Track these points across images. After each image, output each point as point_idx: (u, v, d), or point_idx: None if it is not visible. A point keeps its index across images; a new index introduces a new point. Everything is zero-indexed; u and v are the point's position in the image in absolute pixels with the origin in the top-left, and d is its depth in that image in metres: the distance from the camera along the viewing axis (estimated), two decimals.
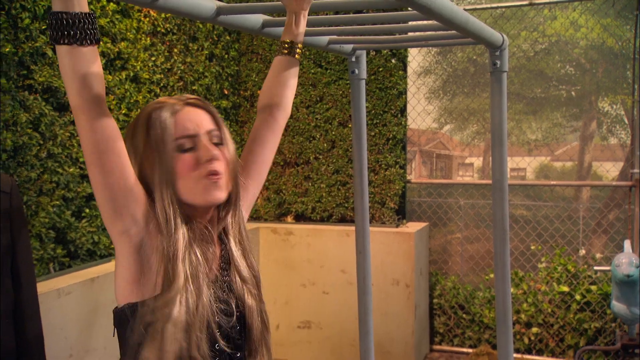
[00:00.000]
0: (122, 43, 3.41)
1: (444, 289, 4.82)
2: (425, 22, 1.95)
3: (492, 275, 4.80)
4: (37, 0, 2.83)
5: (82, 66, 1.14)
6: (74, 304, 2.85)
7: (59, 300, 2.76)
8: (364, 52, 2.47)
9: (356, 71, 2.47)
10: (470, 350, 4.67)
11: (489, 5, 4.83)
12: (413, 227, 4.57)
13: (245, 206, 1.47)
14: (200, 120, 1.33)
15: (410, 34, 2.80)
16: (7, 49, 2.66)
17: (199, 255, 1.28)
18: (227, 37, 4.57)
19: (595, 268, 4.09)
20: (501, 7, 4.70)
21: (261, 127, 1.52)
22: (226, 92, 4.61)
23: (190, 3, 1.49)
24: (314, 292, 4.55)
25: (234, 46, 4.69)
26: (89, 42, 1.13)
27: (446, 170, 9.06)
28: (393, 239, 4.38)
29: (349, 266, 4.42)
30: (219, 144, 1.34)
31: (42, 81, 2.87)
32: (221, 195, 1.31)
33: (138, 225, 1.24)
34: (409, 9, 1.43)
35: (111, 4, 3.31)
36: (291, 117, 4.72)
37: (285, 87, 1.52)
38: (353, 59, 2.45)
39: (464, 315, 4.76)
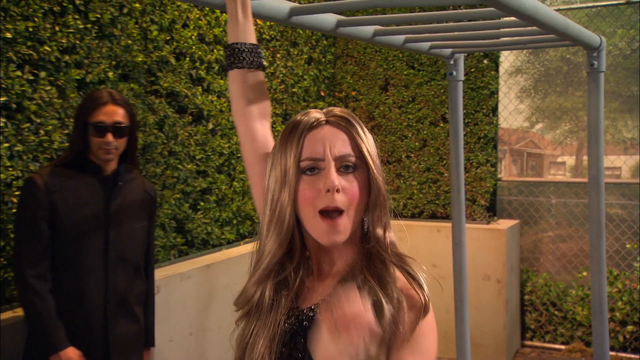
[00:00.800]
0: None
1: (535, 286, 4.87)
2: (523, 28, 2.09)
3: (585, 274, 4.81)
4: (163, 14, 3.16)
5: (250, 87, 1.29)
6: (194, 287, 3.16)
7: (181, 284, 3.08)
8: (462, 55, 2.62)
9: (454, 73, 2.62)
10: (562, 347, 4.71)
11: (584, 5, 4.84)
12: (504, 224, 4.65)
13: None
14: (331, 138, 1.15)
15: (505, 38, 2.93)
16: (140, 59, 3.00)
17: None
18: (325, 42, 4.81)
19: None
20: (598, 6, 4.70)
21: None
22: (322, 94, 4.86)
23: (264, 5, 1.52)
24: None
25: (330, 50, 4.93)
26: (257, 67, 1.29)
27: (537, 169, 8.98)
28: (484, 235, 4.49)
29: (441, 261, 4.56)
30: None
31: (166, 86, 3.20)
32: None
33: None
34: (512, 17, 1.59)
35: (224, 14, 3.62)
36: (383, 117, 4.92)
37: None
38: (451, 62, 2.60)
39: (556, 312, 4.80)
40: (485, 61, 4.59)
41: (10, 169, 2.40)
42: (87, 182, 2.24)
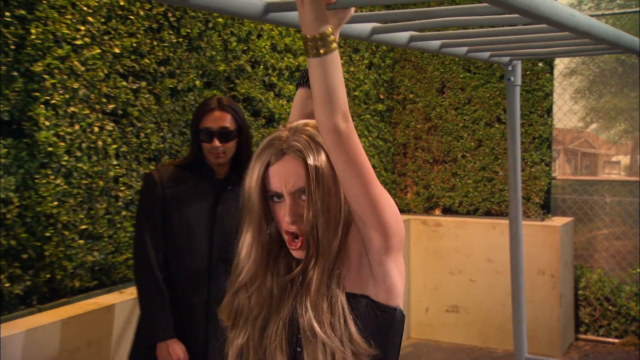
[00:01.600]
0: (301, 57, 4.00)
1: (589, 282, 5.01)
2: (577, 39, 2.30)
3: (639, 270, 4.92)
4: (241, 27, 3.48)
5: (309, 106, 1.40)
6: None
7: None
8: (520, 62, 2.84)
9: (512, 78, 2.84)
10: (616, 341, 4.83)
11: (638, 9, 4.96)
12: (558, 221, 4.81)
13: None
14: (290, 175, 1.24)
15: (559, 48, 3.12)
16: (221, 68, 3.32)
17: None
18: (384, 47, 5.07)
19: None
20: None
21: None
22: (382, 97, 5.11)
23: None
24: (461, 279, 4.93)
25: (389, 55, 5.18)
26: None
27: (591, 168, 9.01)
28: (538, 231, 4.66)
29: (496, 256, 4.76)
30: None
31: (243, 92, 3.51)
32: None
33: None
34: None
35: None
36: (440, 118, 5.14)
37: (315, 101, 1.32)
38: (509, 68, 2.82)
39: (610, 307, 4.93)
40: (540, 64, 4.76)
41: (117, 167, 2.74)
42: (199, 184, 2.34)
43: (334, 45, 1.14)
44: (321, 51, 1.13)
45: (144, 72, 2.84)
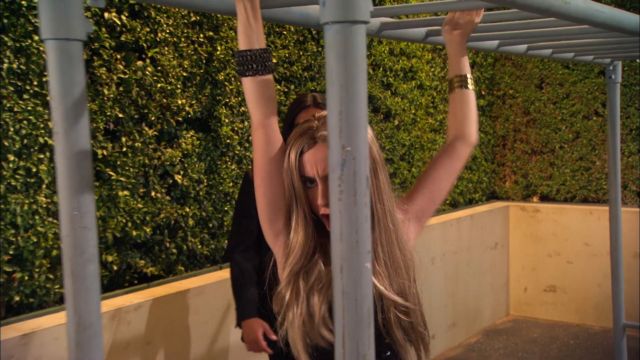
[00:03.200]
0: (413, 59, 4.50)
1: None
2: None
3: None
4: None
5: (262, 92, 1.30)
6: None
7: None
8: (620, 62, 3.20)
9: (613, 77, 3.19)
10: None
11: None
12: None
13: (411, 228, 1.50)
14: (321, 161, 1.34)
15: None
16: None
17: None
18: None
19: None
20: None
21: (439, 152, 1.57)
22: (483, 93, 5.52)
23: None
24: (559, 262, 5.29)
25: (490, 53, 5.58)
26: (267, 72, 1.29)
27: None
28: (635, 217, 4.95)
29: (593, 240, 5.09)
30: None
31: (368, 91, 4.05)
32: None
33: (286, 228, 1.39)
34: None
35: None
36: (539, 112, 5.49)
37: (461, 120, 1.54)
38: (610, 68, 3.19)
39: None
40: (638, 60, 5.03)
41: None
42: None
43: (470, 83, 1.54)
44: (470, 86, 1.53)
45: (292, 77, 3.43)
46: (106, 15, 2.48)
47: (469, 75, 1.50)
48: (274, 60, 3.29)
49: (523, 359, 4.55)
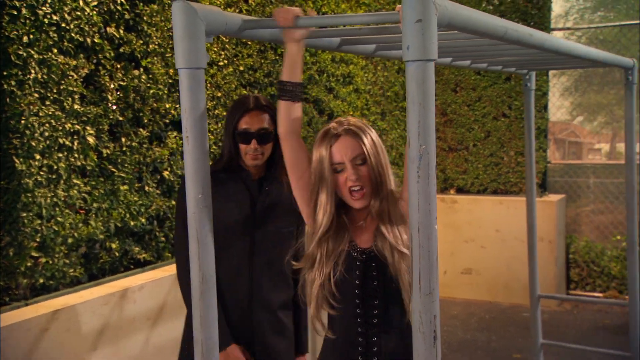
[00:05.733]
0: (351, 66, 5.00)
1: (578, 247, 6.09)
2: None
3: (618, 237, 6.01)
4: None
5: (291, 113, 1.73)
6: None
7: None
8: (534, 72, 3.79)
9: (528, 85, 3.79)
10: (600, 295, 5.93)
11: (619, 23, 6.03)
12: (554, 198, 5.88)
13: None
14: (348, 149, 1.76)
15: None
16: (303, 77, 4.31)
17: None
18: None
19: None
20: (631, 24, 5.90)
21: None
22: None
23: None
24: (474, 247, 5.99)
25: None
26: (297, 100, 1.72)
27: (577, 154, 10.18)
28: (538, 205, 5.70)
29: (502, 227, 5.81)
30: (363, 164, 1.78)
31: (314, 95, 4.51)
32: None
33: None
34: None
35: None
36: (455, 113, 6.16)
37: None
38: (527, 77, 3.78)
39: (595, 268, 6.01)
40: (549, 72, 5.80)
41: None
42: (235, 186, 2.26)
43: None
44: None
45: (255, 82, 3.83)
46: (108, 29, 2.80)
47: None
48: (241, 68, 3.68)
49: (448, 332, 5.18)
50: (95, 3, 2.71)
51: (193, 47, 1.40)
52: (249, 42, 3.74)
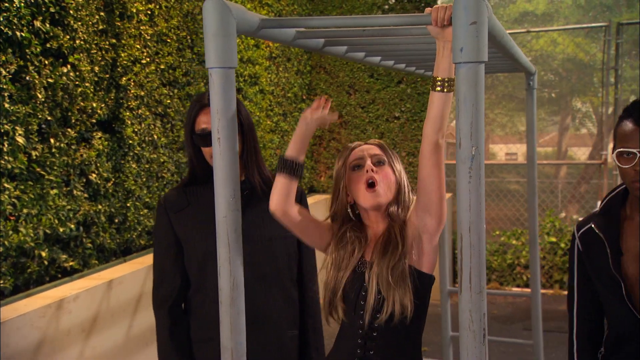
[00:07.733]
0: (257, 67, 4.98)
1: None
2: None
3: (497, 232, 6.48)
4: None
5: (287, 188, 1.67)
6: None
7: None
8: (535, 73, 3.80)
9: (531, 84, 3.48)
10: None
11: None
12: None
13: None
14: (366, 150, 1.78)
15: None
16: None
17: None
18: (305, 56, 6.15)
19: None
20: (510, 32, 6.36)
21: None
22: (304, 97, 6.19)
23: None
24: None
25: (309, 62, 6.27)
26: (296, 178, 1.67)
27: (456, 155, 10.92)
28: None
29: None
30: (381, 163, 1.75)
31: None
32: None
33: None
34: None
35: (248, 39, 4.86)
36: (349, 115, 6.33)
37: (426, 119, 1.56)
38: (530, 77, 3.76)
39: None
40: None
41: (164, 155, 3.58)
42: (209, 198, 1.65)
43: (454, 87, 1.41)
44: (446, 90, 1.46)
45: (174, 81, 3.70)
46: (35, 23, 2.58)
47: (438, 78, 1.46)
48: (162, 67, 3.54)
49: None
50: None
51: (226, 46, 1.36)
52: (169, 40, 3.61)
